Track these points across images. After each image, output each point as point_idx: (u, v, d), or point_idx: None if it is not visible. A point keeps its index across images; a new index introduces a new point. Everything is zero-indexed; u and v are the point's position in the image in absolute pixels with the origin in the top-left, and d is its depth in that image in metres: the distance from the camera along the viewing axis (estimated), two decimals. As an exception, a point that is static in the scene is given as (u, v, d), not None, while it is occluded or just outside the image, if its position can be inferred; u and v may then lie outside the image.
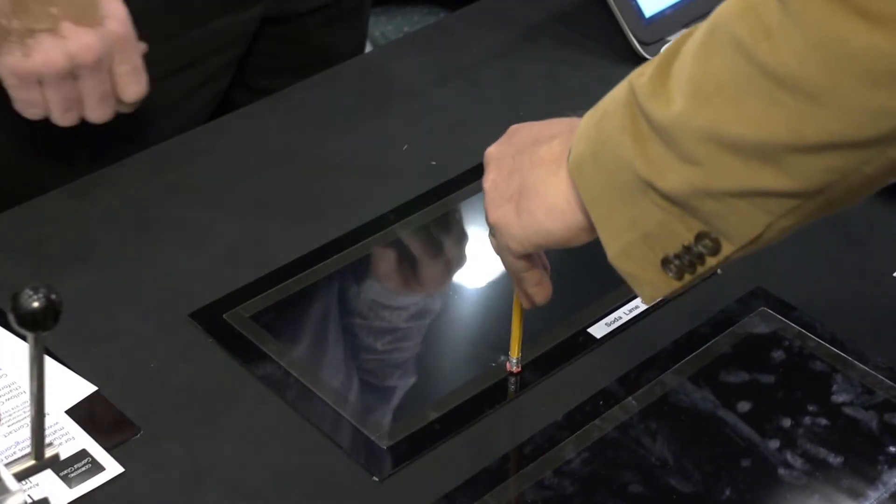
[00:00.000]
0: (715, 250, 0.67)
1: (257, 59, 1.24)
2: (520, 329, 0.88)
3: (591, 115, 0.72)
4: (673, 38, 1.18)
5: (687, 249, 0.68)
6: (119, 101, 1.00)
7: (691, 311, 0.94)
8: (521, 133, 0.79)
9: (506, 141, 0.80)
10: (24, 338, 0.62)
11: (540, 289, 0.82)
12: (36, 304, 0.60)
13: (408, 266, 1.00)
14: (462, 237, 1.04)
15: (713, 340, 0.91)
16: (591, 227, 0.73)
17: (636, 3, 1.18)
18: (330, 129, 1.12)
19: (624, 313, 0.94)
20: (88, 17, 0.96)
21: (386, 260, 0.99)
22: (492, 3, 1.29)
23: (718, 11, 0.66)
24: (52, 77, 0.96)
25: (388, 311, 0.96)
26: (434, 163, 1.08)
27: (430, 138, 1.11)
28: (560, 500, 0.81)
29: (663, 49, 0.70)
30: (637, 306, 0.94)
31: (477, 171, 1.06)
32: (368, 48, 1.52)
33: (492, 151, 0.80)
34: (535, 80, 1.18)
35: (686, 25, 1.20)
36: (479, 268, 1.00)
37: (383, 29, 1.61)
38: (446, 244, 1.03)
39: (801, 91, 0.61)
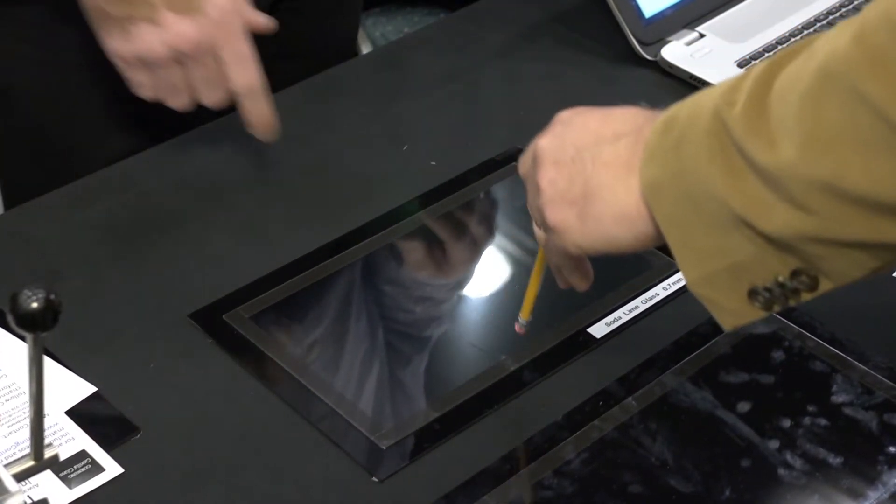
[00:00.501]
0: (812, 287, 0.65)
1: (266, 44, 1.26)
2: (535, 293, 0.87)
3: (665, 133, 0.68)
4: (672, 39, 1.19)
5: (780, 284, 0.65)
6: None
7: (691, 311, 0.93)
8: (576, 125, 0.75)
9: (560, 134, 0.76)
10: (23, 338, 0.62)
11: (580, 276, 0.81)
12: (35, 305, 0.61)
13: (410, 268, 1.00)
14: (463, 238, 1.04)
15: (713, 341, 0.91)
16: (660, 236, 0.70)
17: (636, 3, 1.18)
18: (329, 130, 1.12)
19: (624, 313, 0.94)
20: (187, 5, 0.96)
21: (388, 262, 0.99)
22: (492, 3, 1.29)
23: (831, 53, 0.61)
24: (155, 63, 0.98)
25: (390, 313, 0.96)
26: (434, 163, 1.08)
27: (430, 139, 1.11)
28: (560, 500, 0.81)
29: (743, 72, 0.66)
30: (637, 307, 0.94)
31: (478, 171, 1.06)
32: (368, 48, 1.52)
33: (545, 145, 0.76)
34: (536, 81, 1.18)
35: (686, 26, 1.20)
36: (480, 267, 1.00)
37: (383, 29, 1.60)
38: (447, 244, 1.03)
39: None
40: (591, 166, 0.72)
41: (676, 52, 1.18)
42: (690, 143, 0.66)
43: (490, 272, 0.99)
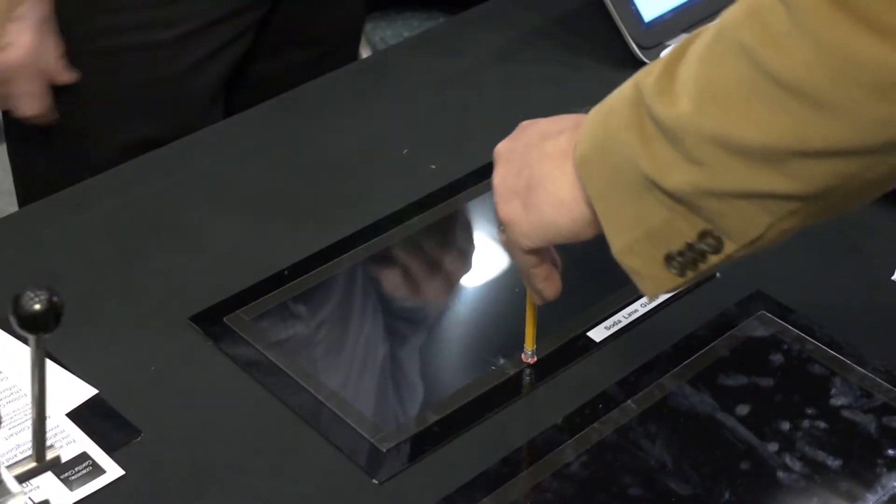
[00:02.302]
0: (717, 248, 0.69)
1: (271, 31, 1.28)
2: (534, 322, 0.89)
3: (598, 111, 0.73)
4: (672, 43, 1.19)
5: (690, 247, 0.69)
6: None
7: (690, 314, 0.94)
8: (530, 129, 0.80)
9: (515, 137, 0.81)
10: (25, 340, 0.62)
11: (549, 284, 0.83)
12: (37, 307, 0.61)
13: (410, 271, 1.00)
14: (463, 241, 1.04)
15: (712, 344, 0.92)
16: (596, 222, 0.73)
17: (636, 7, 1.19)
18: (330, 133, 1.12)
19: (623, 317, 0.94)
20: None
21: (388, 265, 1.00)
22: (491, 7, 1.29)
23: (724, 16, 0.67)
24: None
25: (390, 316, 0.96)
26: (434, 167, 1.08)
27: (430, 142, 1.11)
28: (559, 502, 0.81)
29: (668, 50, 0.71)
30: (636, 310, 0.94)
31: (477, 175, 1.06)
32: (368, 53, 1.52)
33: (500, 148, 0.81)
34: (535, 84, 1.19)
35: (685, 30, 1.21)
36: (479, 271, 1.01)
37: (383, 34, 1.61)
38: (447, 248, 1.03)
39: (807, 98, 0.62)
40: (536, 160, 0.77)
41: (675, 56, 1.18)
42: (614, 114, 0.71)
43: (490, 275, 1.00)
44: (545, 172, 0.76)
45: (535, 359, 0.90)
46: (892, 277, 0.97)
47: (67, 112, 1.18)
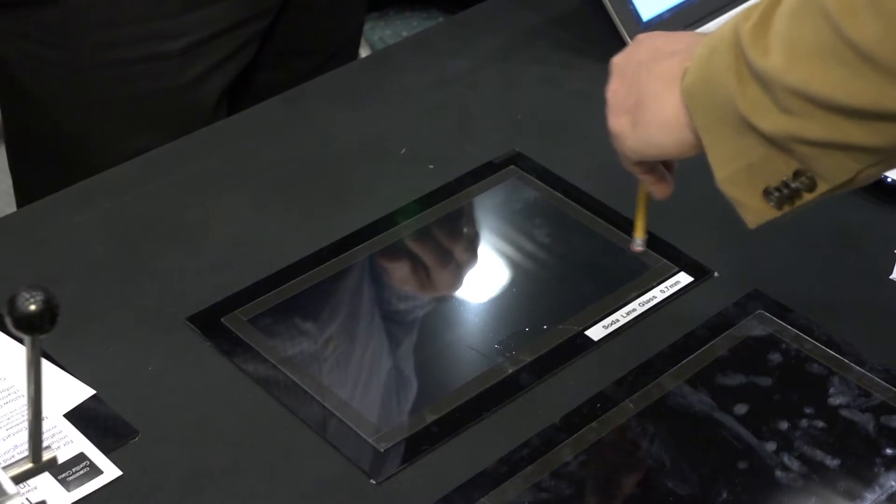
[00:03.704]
0: (811, 187, 0.73)
1: (273, 41, 1.29)
2: (644, 211, 0.92)
3: (705, 45, 0.76)
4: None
5: (785, 184, 0.74)
6: None
7: (688, 313, 0.94)
8: (646, 44, 0.84)
9: (630, 51, 0.84)
10: (21, 341, 0.62)
11: (658, 187, 0.87)
12: (33, 308, 0.61)
13: (407, 271, 1.00)
14: (461, 241, 1.04)
15: (710, 343, 0.91)
16: (698, 145, 0.78)
17: (634, 6, 1.18)
18: (327, 134, 1.12)
19: (621, 316, 0.94)
20: None
21: (388, 264, 1.00)
22: (489, 7, 1.29)
23: None
24: None
25: (388, 315, 0.96)
26: (432, 166, 1.08)
27: (428, 142, 1.11)
28: (557, 502, 0.81)
29: None
30: (635, 309, 0.94)
31: (475, 174, 1.06)
32: (367, 52, 1.52)
33: (616, 60, 0.85)
34: (533, 84, 1.18)
35: (683, 29, 1.21)
36: (477, 270, 1.01)
37: (381, 34, 1.61)
38: (445, 247, 1.03)
39: (880, 67, 0.67)
40: (646, 79, 0.81)
41: (674, 55, 1.18)
42: (717, 53, 0.74)
43: (488, 275, 1.00)
44: (654, 93, 0.80)
45: (643, 248, 0.93)
46: (891, 276, 0.97)
47: (70, 123, 1.18)
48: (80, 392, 0.87)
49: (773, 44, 0.71)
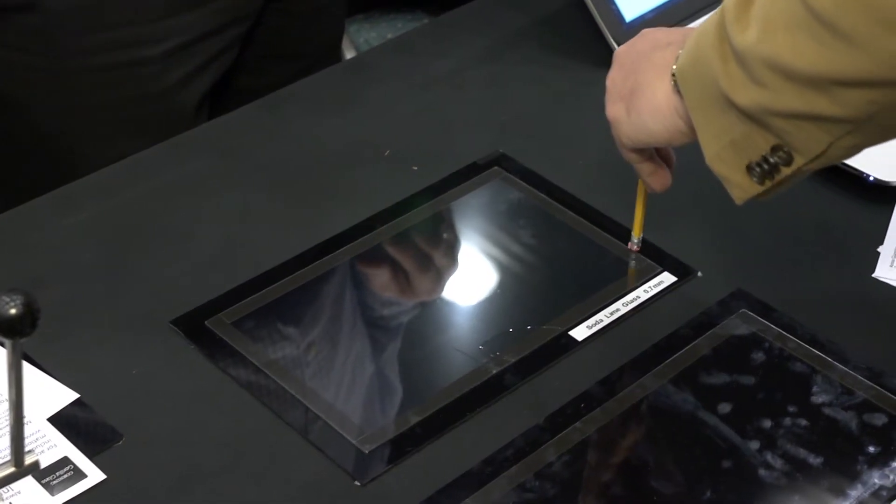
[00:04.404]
0: (788, 161, 0.75)
1: (254, 45, 1.30)
2: (643, 209, 0.96)
3: (697, 30, 0.79)
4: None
5: (765, 159, 0.76)
6: None
7: (672, 313, 0.94)
8: (646, 37, 0.87)
9: (632, 43, 0.88)
10: (1, 345, 0.62)
11: (655, 178, 0.90)
12: (13, 311, 0.61)
13: (391, 273, 1.00)
14: (445, 243, 1.04)
15: (694, 342, 0.92)
16: (688, 132, 0.81)
17: (616, 7, 1.19)
18: (311, 136, 1.12)
19: (605, 316, 0.94)
20: None
21: (370, 267, 1.00)
22: (474, 8, 1.29)
23: None
24: None
25: (372, 317, 0.96)
26: (416, 168, 1.08)
27: (412, 144, 1.11)
28: (542, 502, 0.81)
29: None
30: (618, 309, 0.95)
31: (459, 176, 1.07)
32: (352, 54, 1.52)
33: (619, 51, 0.88)
34: (518, 85, 1.18)
35: (667, 29, 1.21)
36: (461, 272, 1.01)
37: (367, 36, 1.61)
38: (429, 250, 1.03)
39: (838, 32, 0.69)
40: (642, 68, 0.84)
41: (657, 55, 1.18)
42: (705, 34, 0.77)
43: (473, 276, 1.00)
44: (647, 80, 0.83)
45: (639, 248, 0.97)
46: (873, 275, 0.98)
47: (53, 128, 1.18)
48: (63, 396, 0.87)
49: (753, 20, 0.73)
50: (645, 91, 0.83)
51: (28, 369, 0.87)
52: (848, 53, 0.69)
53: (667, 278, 0.97)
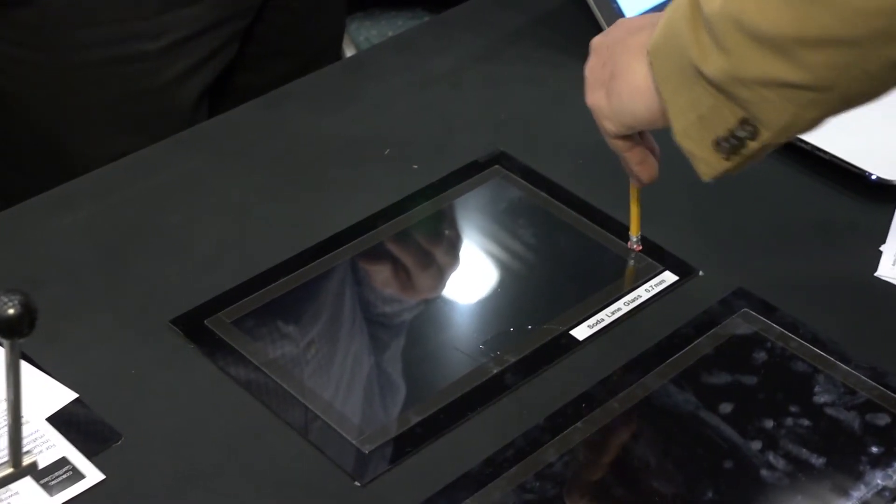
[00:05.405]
0: (754, 135, 0.75)
1: (254, 42, 1.29)
2: (638, 208, 0.95)
3: (671, 5, 0.79)
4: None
5: (732, 133, 0.76)
6: None
7: (673, 312, 0.94)
8: (622, 26, 0.88)
9: (608, 32, 0.88)
10: (1, 345, 0.62)
11: (643, 168, 0.90)
12: (11, 311, 0.60)
13: (392, 272, 1.00)
14: (445, 241, 1.04)
15: (695, 342, 0.91)
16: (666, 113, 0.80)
17: (617, 4, 1.18)
18: (311, 134, 1.12)
19: (606, 315, 0.94)
20: None
21: (370, 266, 0.99)
22: (473, 6, 1.29)
23: None
24: None
25: (373, 317, 0.96)
26: (416, 167, 1.08)
27: (412, 142, 1.11)
28: (542, 503, 0.81)
29: None
30: (619, 308, 0.94)
31: (459, 175, 1.06)
32: (352, 52, 1.52)
33: (595, 41, 0.89)
34: (518, 83, 1.18)
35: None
36: (461, 271, 1.00)
37: (367, 34, 1.60)
38: (429, 248, 1.02)
39: None
40: (619, 52, 0.84)
41: (658, 53, 1.18)
42: (678, 7, 0.77)
43: (473, 275, 0.99)
44: (625, 63, 0.83)
45: (640, 247, 0.97)
46: (875, 274, 0.97)
47: (49, 125, 1.18)
48: (62, 396, 0.87)
49: None
50: (625, 74, 0.83)
51: (27, 369, 0.87)
52: (812, 11, 0.69)
53: (668, 277, 0.97)
